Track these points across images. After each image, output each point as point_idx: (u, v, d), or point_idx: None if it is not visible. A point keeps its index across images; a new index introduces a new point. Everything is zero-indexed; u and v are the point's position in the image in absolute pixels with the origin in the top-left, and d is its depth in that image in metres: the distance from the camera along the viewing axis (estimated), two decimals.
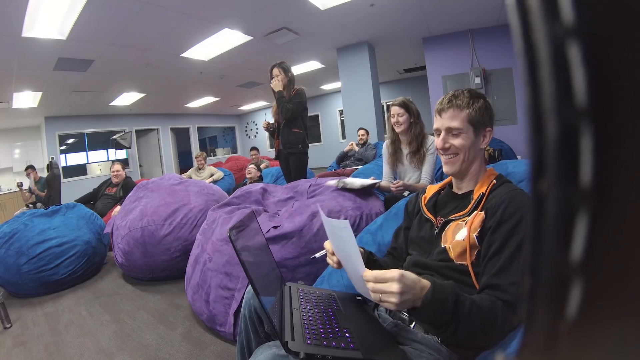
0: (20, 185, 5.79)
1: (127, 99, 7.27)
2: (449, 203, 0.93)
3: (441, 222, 0.89)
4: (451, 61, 5.45)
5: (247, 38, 4.66)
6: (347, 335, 0.71)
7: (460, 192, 0.93)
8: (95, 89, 6.13)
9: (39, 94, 5.78)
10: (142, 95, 7.16)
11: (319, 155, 9.38)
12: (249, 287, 0.94)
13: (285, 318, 0.74)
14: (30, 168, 5.68)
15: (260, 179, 3.85)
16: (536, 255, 0.16)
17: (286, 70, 2.73)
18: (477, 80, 5.18)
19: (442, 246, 0.85)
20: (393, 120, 2.04)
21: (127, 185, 3.78)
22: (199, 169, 5.27)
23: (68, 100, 6.56)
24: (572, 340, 0.16)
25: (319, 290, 0.95)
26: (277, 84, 2.70)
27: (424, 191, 1.04)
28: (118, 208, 3.07)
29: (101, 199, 3.85)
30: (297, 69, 6.37)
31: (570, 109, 0.15)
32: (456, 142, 0.87)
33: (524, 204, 0.76)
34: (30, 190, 5.60)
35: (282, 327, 0.71)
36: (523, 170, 1.15)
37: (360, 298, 0.93)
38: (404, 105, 2.04)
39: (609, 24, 0.14)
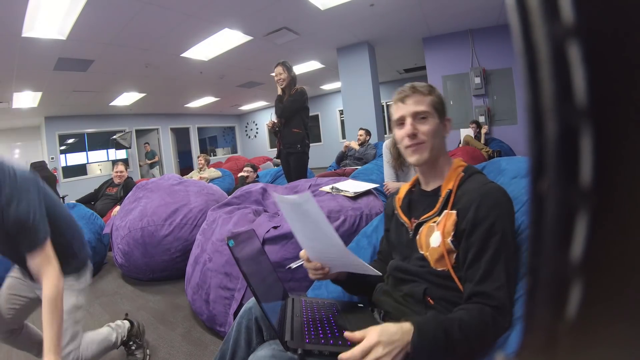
0: None
1: (127, 99, 7.27)
2: (421, 202, 0.90)
3: (414, 224, 0.86)
4: (451, 61, 5.45)
5: (247, 38, 4.67)
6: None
7: (428, 189, 0.88)
8: (95, 89, 6.13)
9: (39, 94, 5.78)
10: (142, 95, 7.17)
11: (319, 155, 9.38)
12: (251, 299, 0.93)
13: (287, 323, 0.77)
14: None
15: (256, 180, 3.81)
16: (536, 256, 0.16)
17: (289, 69, 2.77)
18: (477, 80, 5.17)
19: (420, 253, 0.82)
20: None
21: (127, 186, 3.77)
22: (200, 169, 5.36)
23: (68, 100, 6.56)
24: (572, 340, 0.16)
25: (322, 300, 0.96)
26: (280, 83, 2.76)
27: (397, 191, 1.00)
28: (117, 208, 3.07)
29: (101, 198, 3.84)
30: (297, 69, 6.32)
31: (570, 108, 0.15)
32: (424, 127, 0.82)
33: (497, 200, 0.73)
34: None
35: (283, 329, 0.73)
36: (516, 167, 1.12)
37: (362, 305, 0.94)
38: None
39: (609, 24, 0.14)
